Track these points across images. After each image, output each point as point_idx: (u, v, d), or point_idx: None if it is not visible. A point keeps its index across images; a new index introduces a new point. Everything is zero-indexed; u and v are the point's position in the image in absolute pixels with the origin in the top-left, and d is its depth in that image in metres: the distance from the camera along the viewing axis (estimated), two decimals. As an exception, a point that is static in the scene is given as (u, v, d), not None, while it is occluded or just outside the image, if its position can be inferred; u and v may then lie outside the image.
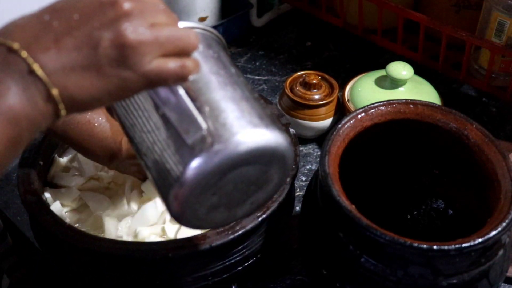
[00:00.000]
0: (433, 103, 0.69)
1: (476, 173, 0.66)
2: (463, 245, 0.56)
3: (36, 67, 0.40)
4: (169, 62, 0.43)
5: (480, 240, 0.56)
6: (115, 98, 0.43)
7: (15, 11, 0.43)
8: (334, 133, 0.65)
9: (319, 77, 0.93)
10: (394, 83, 0.90)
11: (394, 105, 0.69)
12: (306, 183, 0.88)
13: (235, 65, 0.53)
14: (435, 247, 0.55)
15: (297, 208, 0.81)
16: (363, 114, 0.68)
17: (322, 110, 0.92)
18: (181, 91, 0.46)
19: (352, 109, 0.90)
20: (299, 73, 0.95)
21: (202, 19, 1.11)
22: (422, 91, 0.90)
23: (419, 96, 0.88)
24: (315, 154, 0.94)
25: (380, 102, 0.69)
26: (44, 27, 0.41)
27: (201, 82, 0.49)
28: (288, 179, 0.68)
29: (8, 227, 0.83)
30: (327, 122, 0.93)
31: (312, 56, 1.13)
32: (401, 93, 0.89)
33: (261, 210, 0.65)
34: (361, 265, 0.59)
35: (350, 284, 0.62)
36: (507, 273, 0.67)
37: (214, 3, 1.11)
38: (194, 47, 0.45)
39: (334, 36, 1.16)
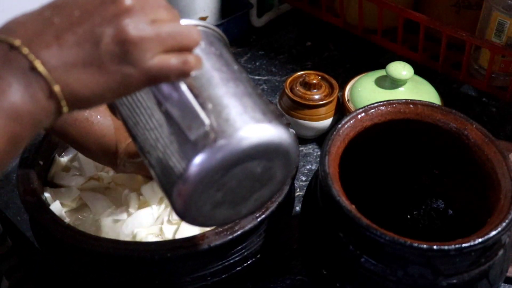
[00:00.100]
0: (433, 103, 0.69)
1: (476, 173, 0.66)
2: (463, 245, 0.56)
3: (37, 63, 0.40)
4: (171, 58, 0.43)
5: (480, 240, 0.56)
6: (117, 94, 0.43)
7: (15, 11, 0.43)
8: (334, 133, 0.65)
9: (319, 77, 0.93)
10: (394, 83, 0.90)
11: (394, 105, 0.69)
12: (306, 183, 0.88)
13: (238, 62, 0.53)
14: (435, 247, 0.55)
15: (297, 208, 0.81)
16: (363, 114, 0.68)
17: (322, 110, 0.92)
18: (183, 87, 0.45)
19: (352, 109, 0.90)
20: (299, 73, 0.95)
21: (202, 19, 1.11)
22: (422, 91, 0.90)
23: (419, 96, 0.88)
24: (315, 154, 0.94)
25: (380, 102, 0.69)
26: (45, 23, 0.41)
27: (203, 78, 0.48)
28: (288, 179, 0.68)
29: (8, 227, 0.83)
30: (327, 122, 0.93)
31: (312, 56, 1.13)
32: (401, 93, 0.89)
33: (260, 210, 0.65)
34: (361, 265, 0.59)
35: (350, 284, 0.62)
36: (507, 273, 0.67)
37: (214, 3, 1.11)
38: (196, 43, 0.45)
39: (334, 36, 1.16)
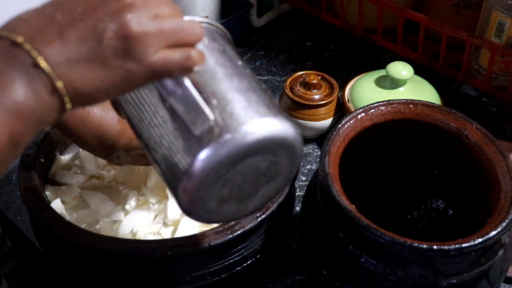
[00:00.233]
0: (433, 103, 0.69)
1: (476, 173, 0.66)
2: (463, 245, 0.56)
3: (40, 60, 0.40)
4: (174, 53, 0.43)
5: (480, 240, 0.56)
6: (120, 90, 0.43)
7: (15, 11, 0.43)
8: (334, 133, 0.65)
9: (319, 77, 0.93)
10: (394, 83, 0.90)
11: (394, 105, 0.69)
12: (306, 183, 0.88)
13: (242, 58, 0.52)
14: (435, 247, 0.55)
15: (297, 208, 0.81)
16: (363, 114, 0.68)
17: (322, 110, 0.92)
18: (187, 82, 0.45)
19: (352, 109, 0.90)
20: (299, 73, 0.95)
21: (202, 19, 1.11)
22: (422, 91, 0.90)
23: (419, 96, 0.88)
24: (315, 154, 0.94)
25: (380, 102, 0.69)
26: (48, 20, 0.41)
27: (207, 73, 0.48)
28: None
29: (8, 227, 0.83)
30: (327, 122, 0.93)
31: (312, 56, 1.13)
32: (401, 93, 0.89)
33: (260, 210, 0.65)
34: (361, 265, 0.59)
35: (350, 284, 0.62)
36: (507, 273, 0.67)
37: (214, 3, 1.11)
38: (199, 38, 0.44)
39: (334, 36, 1.16)
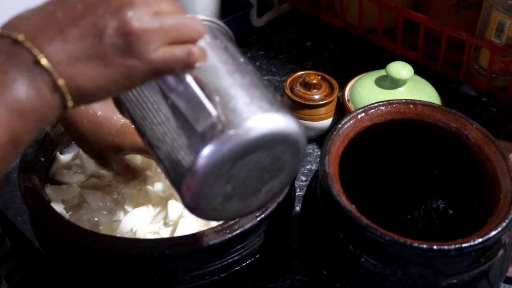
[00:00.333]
0: (433, 103, 0.69)
1: (476, 173, 0.66)
2: (463, 245, 0.56)
3: (41, 57, 0.40)
4: (175, 49, 0.43)
5: (480, 240, 0.56)
6: (121, 87, 0.43)
7: (15, 10, 0.43)
8: (334, 133, 0.65)
9: (319, 77, 0.93)
10: (394, 83, 0.90)
11: (394, 105, 0.69)
12: (306, 183, 0.88)
13: (243, 55, 0.52)
14: (435, 247, 0.55)
15: (297, 208, 0.81)
16: (363, 114, 0.68)
17: (322, 110, 0.92)
18: (189, 79, 0.45)
19: (352, 109, 0.90)
20: (299, 73, 0.95)
21: (202, 19, 1.11)
22: (422, 91, 0.90)
23: (419, 96, 0.88)
24: (315, 154, 0.94)
25: (380, 102, 0.69)
26: (49, 18, 0.41)
27: (209, 70, 0.48)
28: None
29: (7, 227, 0.83)
30: (327, 122, 0.93)
31: (312, 56, 1.13)
32: (401, 93, 0.89)
33: (260, 210, 0.65)
34: (361, 265, 0.59)
35: (350, 284, 0.62)
36: (507, 273, 0.67)
37: (214, 3, 1.11)
38: (200, 35, 0.44)
39: (334, 36, 1.16)
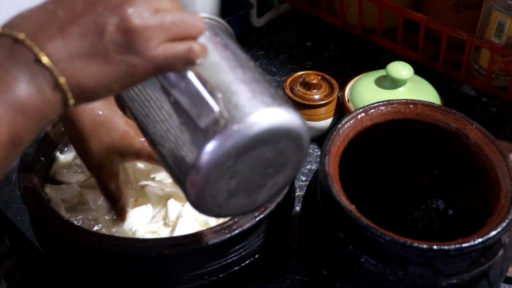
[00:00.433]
0: (433, 103, 0.69)
1: (476, 173, 0.66)
2: (463, 245, 0.56)
3: (42, 56, 0.40)
4: (176, 46, 0.43)
5: (480, 240, 0.56)
6: (123, 85, 0.43)
7: (14, 10, 0.43)
8: (334, 133, 0.65)
9: (319, 77, 0.93)
10: (394, 83, 0.90)
11: (394, 105, 0.69)
12: (306, 183, 0.88)
13: (244, 51, 0.52)
14: (435, 247, 0.55)
15: (297, 208, 0.81)
16: (363, 114, 0.68)
17: (322, 110, 0.92)
18: (190, 75, 0.45)
19: (352, 109, 0.90)
20: (299, 73, 0.95)
21: (202, 19, 1.11)
22: (422, 91, 0.90)
23: (419, 96, 0.88)
24: (315, 154, 0.94)
25: (380, 102, 0.69)
26: (49, 16, 0.41)
27: (210, 66, 0.48)
28: None
29: (7, 227, 0.83)
30: (327, 122, 0.93)
31: (312, 56, 1.13)
32: (401, 93, 0.89)
33: (259, 210, 0.65)
34: (361, 265, 0.59)
35: (350, 284, 0.62)
36: (507, 273, 0.67)
37: (214, 3, 1.11)
38: (201, 31, 0.44)
39: (334, 36, 1.16)
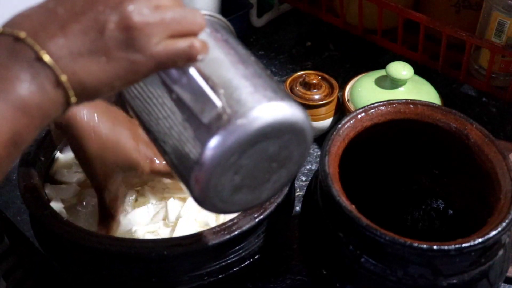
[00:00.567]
0: (433, 103, 0.69)
1: (476, 173, 0.66)
2: (463, 245, 0.56)
3: (43, 54, 0.40)
4: (176, 42, 0.43)
5: (480, 240, 0.56)
6: (124, 82, 0.43)
7: (14, 10, 0.43)
8: (334, 133, 0.65)
9: (319, 77, 0.93)
10: (394, 83, 0.90)
11: (394, 105, 0.69)
12: (306, 183, 0.88)
13: (245, 47, 0.52)
14: (435, 247, 0.55)
15: (297, 208, 0.81)
16: (363, 114, 0.68)
17: (322, 110, 0.92)
18: (192, 71, 0.45)
19: (352, 109, 0.90)
20: (299, 73, 0.95)
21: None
22: (422, 91, 0.90)
23: (419, 96, 0.88)
24: (315, 154, 0.94)
25: (380, 102, 0.69)
26: (50, 15, 0.41)
27: (211, 62, 0.48)
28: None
29: (7, 227, 0.83)
30: (327, 122, 0.93)
31: (312, 56, 1.13)
32: (401, 93, 0.89)
33: (258, 211, 0.65)
34: (361, 265, 0.59)
35: (350, 284, 0.61)
36: (507, 273, 0.67)
37: (214, 3, 1.11)
38: (201, 28, 0.44)
39: (334, 36, 1.16)
